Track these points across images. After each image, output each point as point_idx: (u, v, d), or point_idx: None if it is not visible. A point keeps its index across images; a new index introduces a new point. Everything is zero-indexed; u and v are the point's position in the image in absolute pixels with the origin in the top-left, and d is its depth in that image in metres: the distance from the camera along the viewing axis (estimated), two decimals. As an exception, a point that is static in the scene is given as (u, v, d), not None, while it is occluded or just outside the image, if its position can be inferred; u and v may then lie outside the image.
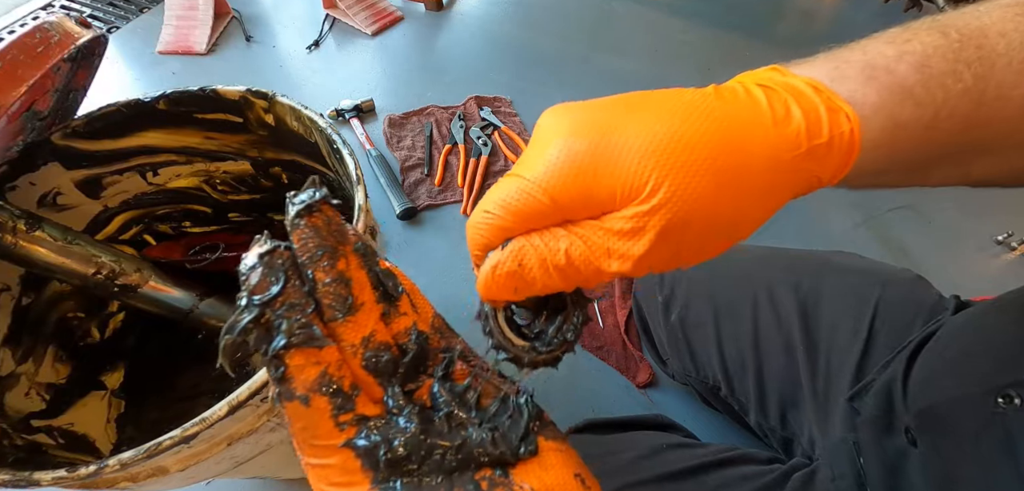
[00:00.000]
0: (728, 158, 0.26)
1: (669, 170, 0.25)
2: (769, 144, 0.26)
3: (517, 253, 0.28)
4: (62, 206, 0.75)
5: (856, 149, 0.27)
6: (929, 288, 0.68)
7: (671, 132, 0.26)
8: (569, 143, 0.27)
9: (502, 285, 0.29)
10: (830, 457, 0.62)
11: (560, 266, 0.27)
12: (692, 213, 0.26)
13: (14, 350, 0.71)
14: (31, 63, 0.50)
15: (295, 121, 0.70)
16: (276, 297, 0.26)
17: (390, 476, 0.26)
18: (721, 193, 0.26)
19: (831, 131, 0.27)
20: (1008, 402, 0.42)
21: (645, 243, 0.26)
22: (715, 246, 0.28)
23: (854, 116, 0.27)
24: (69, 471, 0.45)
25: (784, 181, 0.27)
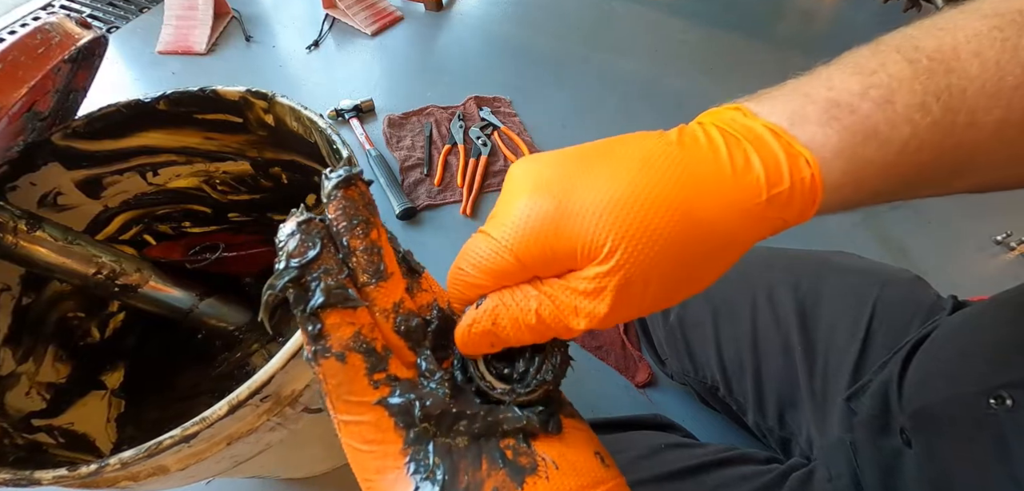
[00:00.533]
0: (685, 215, 0.26)
1: (624, 232, 0.25)
2: (729, 196, 0.26)
3: (491, 312, 0.28)
4: (62, 206, 0.75)
5: (818, 193, 0.27)
6: (927, 288, 0.68)
7: (628, 192, 0.26)
8: (532, 203, 0.27)
9: (478, 341, 0.29)
10: (827, 457, 0.62)
11: (531, 325, 0.28)
12: (649, 272, 0.26)
13: (14, 350, 0.71)
14: (32, 64, 0.50)
15: (295, 121, 0.70)
16: (313, 260, 0.27)
17: (421, 436, 0.28)
18: (679, 249, 0.26)
19: (792, 178, 0.26)
20: (1000, 403, 0.42)
21: (606, 304, 0.26)
22: (678, 296, 0.28)
23: (814, 161, 0.27)
24: (70, 470, 0.45)
25: (746, 229, 0.27)
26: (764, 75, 1.58)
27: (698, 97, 1.63)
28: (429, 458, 0.27)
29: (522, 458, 0.28)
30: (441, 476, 0.27)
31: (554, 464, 0.28)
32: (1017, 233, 1.28)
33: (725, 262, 0.28)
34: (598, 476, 0.29)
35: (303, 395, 0.56)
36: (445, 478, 0.27)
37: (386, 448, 0.28)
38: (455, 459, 0.27)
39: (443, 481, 0.27)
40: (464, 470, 0.27)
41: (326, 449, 0.84)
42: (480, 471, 0.27)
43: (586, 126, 1.55)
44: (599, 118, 1.58)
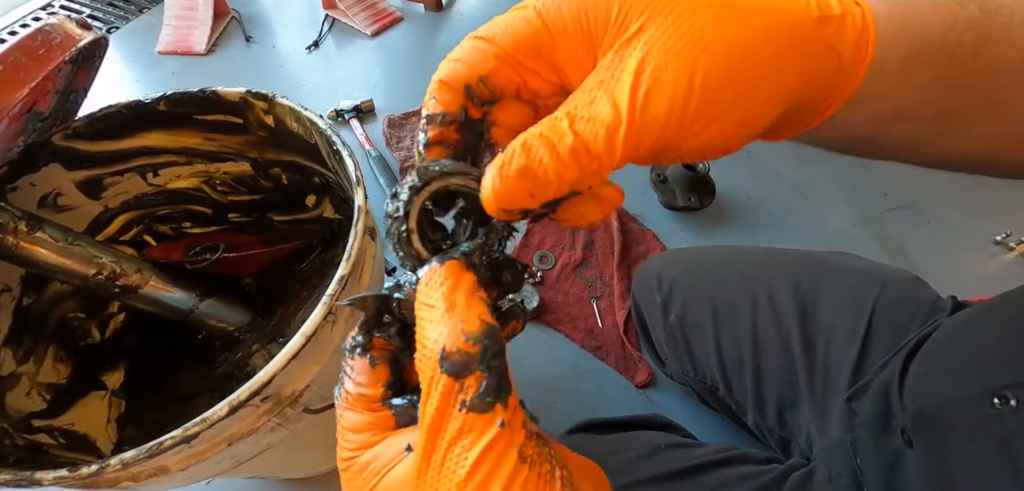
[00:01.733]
0: (733, 8, 0.24)
1: (662, 9, 0.24)
2: (780, 7, 0.25)
3: (522, 145, 0.25)
4: (63, 207, 0.75)
5: (871, 33, 0.26)
6: (927, 289, 0.68)
7: None
8: None
9: (513, 188, 0.25)
10: (827, 457, 0.62)
11: (569, 147, 0.24)
12: (689, 61, 0.23)
13: (15, 350, 0.71)
14: (33, 65, 0.50)
15: (295, 122, 0.70)
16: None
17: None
18: (722, 46, 0.24)
19: (843, 6, 0.25)
20: (1004, 403, 0.42)
21: (648, 85, 0.24)
22: (720, 121, 0.25)
23: (867, 6, 0.26)
24: (70, 471, 0.45)
25: (795, 46, 0.25)
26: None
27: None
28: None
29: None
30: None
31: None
32: (1016, 233, 1.28)
33: (773, 84, 0.25)
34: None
35: (303, 395, 0.56)
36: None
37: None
38: None
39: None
40: None
41: (326, 449, 0.84)
42: None
43: (586, 126, 1.54)
44: (599, 118, 1.57)
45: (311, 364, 0.56)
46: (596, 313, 1.13)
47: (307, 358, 0.54)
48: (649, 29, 0.23)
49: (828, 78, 0.26)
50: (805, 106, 0.27)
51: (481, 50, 0.27)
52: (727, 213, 1.32)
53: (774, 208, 1.33)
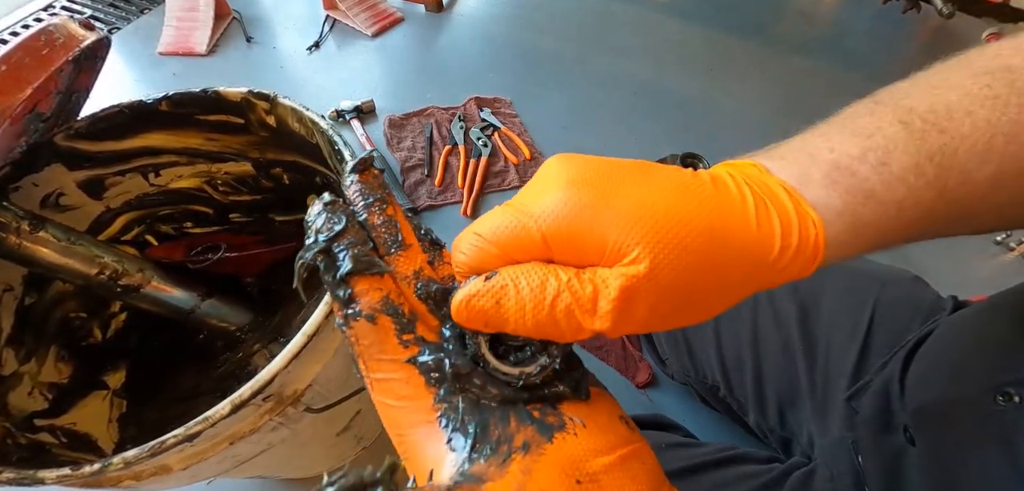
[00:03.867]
0: (715, 245, 0.27)
1: (659, 240, 0.26)
2: (750, 242, 0.27)
3: (496, 291, 0.28)
4: (65, 207, 0.75)
5: (820, 251, 0.28)
6: (927, 288, 0.69)
7: (666, 206, 0.27)
8: (572, 192, 0.27)
9: (473, 317, 0.29)
10: (828, 456, 0.62)
11: (539, 316, 0.27)
12: (673, 285, 0.26)
13: (17, 350, 0.72)
14: (36, 65, 0.50)
15: (296, 122, 0.71)
16: (340, 233, 0.30)
17: (451, 392, 0.29)
18: (700, 274, 0.27)
19: (800, 236, 0.28)
20: (1008, 400, 0.42)
21: (627, 305, 0.26)
22: (684, 320, 0.29)
23: (819, 222, 0.28)
24: (73, 470, 0.45)
25: (756, 276, 0.28)
26: (763, 75, 1.59)
27: (698, 97, 1.64)
28: (459, 412, 0.28)
29: (549, 417, 0.28)
30: (473, 429, 0.27)
31: (582, 423, 0.28)
32: (1016, 233, 1.29)
33: (731, 299, 0.29)
34: (624, 437, 0.29)
35: (305, 395, 0.56)
36: (476, 431, 0.27)
37: (418, 403, 0.29)
38: (485, 415, 0.28)
39: (475, 434, 0.27)
40: (494, 424, 0.28)
41: (326, 449, 0.84)
42: (509, 427, 0.28)
43: (586, 127, 1.55)
44: (599, 119, 1.58)
45: (313, 364, 0.56)
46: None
47: (309, 358, 0.54)
48: (646, 259, 0.26)
49: (774, 283, 0.29)
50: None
51: (486, 254, 0.29)
52: (727, 213, 1.32)
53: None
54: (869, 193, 0.29)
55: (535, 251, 0.28)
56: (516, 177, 1.39)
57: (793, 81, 1.73)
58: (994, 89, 0.29)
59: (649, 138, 1.51)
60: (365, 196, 0.32)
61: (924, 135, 0.29)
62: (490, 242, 0.29)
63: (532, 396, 0.29)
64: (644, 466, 0.28)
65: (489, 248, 0.29)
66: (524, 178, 1.39)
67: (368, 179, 0.33)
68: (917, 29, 1.92)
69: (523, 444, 0.27)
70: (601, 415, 0.30)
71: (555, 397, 0.30)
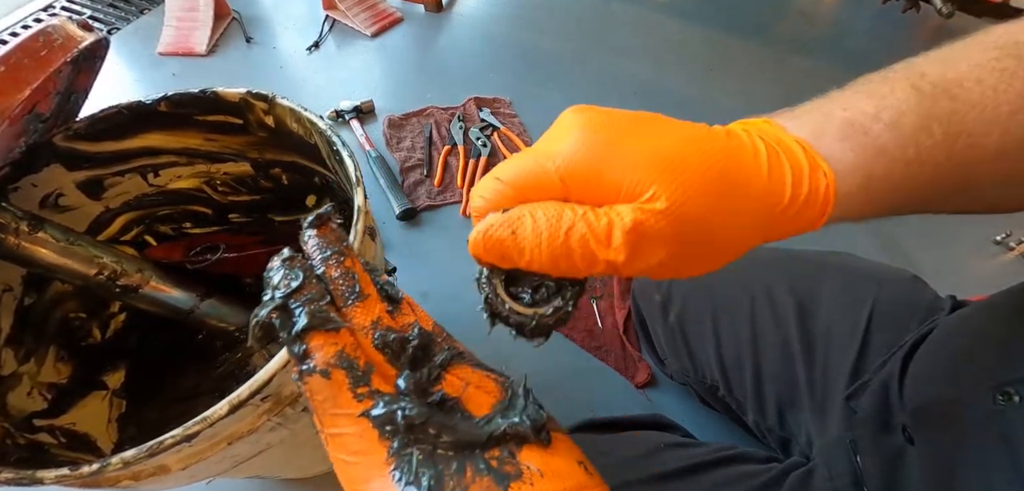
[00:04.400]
0: (727, 189, 0.28)
1: (676, 181, 0.27)
2: (762, 189, 0.29)
3: (513, 221, 0.29)
4: (64, 207, 0.75)
5: (830, 202, 0.30)
6: (925, 288, 0.69)
7: (682, 151, 0.28)
8: (587, 134, 0.29)
9: (490, 248, 0.30)
10: (827, 456, 0.62)
11: (554, 246, 0.28)
12: (685, 225, 0.27)
13: (16, 350, 0.72)
14: (35, 66, 0.50)
15: (295, 123, 0.71)
16: (296, 290, 0.30)
17: (405, 445, 0.28)
18: (715, 217, 0.28)
19: (810, 185, 0.29)
20: (1007, 399, 0.42)
21: (641, 241, 0.28)
22: (696, 266, 0.30)
23: (830, 173, 0.30)
24: (72, 470, 0.45)
25: (766, 224, 0.29)
26: (763, 75, 1.59)
27: (698, 97, 1.64)
28: (413, 465, 0.28)
29: (507, 466, 0.28)
30: (426, 482, 0.27)
31: (539, 472, 0.28)
32: (1016, 233, 1.29)
33: (742, 246, 0.30)
34: (581, 482, 0.29)
35: (303, 395, 0.56)
36: (430, 484, 0.27)
37: (371, 458, 0.28)
38: (439, 467, 0.28)
39: (429, 486, 0.27)
40: (449, 476, 0.27)
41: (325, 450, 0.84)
42: (465, 477, 0.27)
43: (586, 127, 1.54)
44: (599, 119, 1.57)
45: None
46: (596, 313, 1.13)
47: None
48: (662, 197, 0.27)
49: (785, 234, 0.31)
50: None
51: (504, 194, 0.30)
52: (727, 213, 1.32)
53: (774, 208, 1.33)
54: (881, 150, 0.30)
55: (553, 191, 0.29)
56: (515, 177, 1.38)
57: (793, 81, 1.72)
58: (1002, 62, 0.31)
59: (649, 138, 1.51)
60: (322, 249, 0.32)
61: (934, 99, 0.30)
62: (508, 184, 0.30)
63: (490, 440, 0.29)
64: None
65: (507, 189, 0.30)
66: (523, 178, 1.39)
67: (326, 232, 0.33)
68: (917, 29, 1.92)
69: None
70: (559, 461, 0.29)
71: (516, 439, 0.29)
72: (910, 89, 0.31)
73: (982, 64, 0.31)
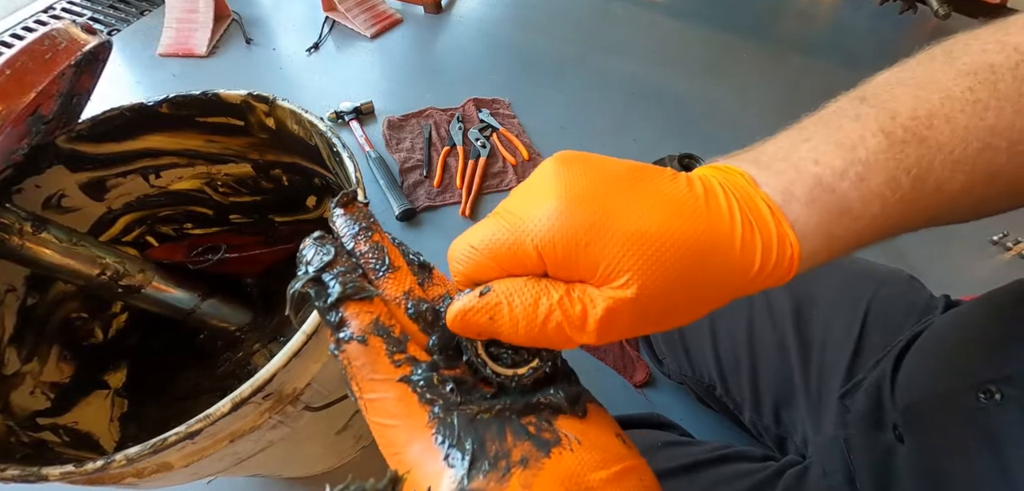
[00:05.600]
0: (698, 268, 0.28)
1: (649, 267, 0.27)
2: (733, 263, 0.29)
3: (491, 308, 0.29)
4: (66, 208, 0.76)
5: (795, 268, 0.30)
6: (921, 288, 0.69)
7: (659, 230, 0.28)
8: (566, 208, 0.28)
9: (468, 328, 0.30)
10: (822, 454, 0.63)
11: (532, 329, 0.29)
12: (654, 305, 0.28)
13: (19, 349, 0.72)
14: (39, 70, 0.51)
15: (296, 124, 0.71)
16: (329, 263, 0.31)
17: (447, 409, 0.29)
18: (683, 292, 0.29)
19: (777, 255, 0.29)
20: (989, 398, 0.43)
21: (615, 324, 0.28)
22: (661, 328, 0.31)
23: (796, 243, 0.30)
24: (77, 466, 0.46)
25: (736, 289, 0.30)
26: (762, 76, 1.59)
27: (697, 97, 1.65)
28: (455, 429, 0.28)
29: (545, 433, 0.29)
30: (470, 445, 0.28)
31: (577, 440, 0.29)
32: (1014, 233, 1.29)
33: (706, 311, 0.31)
34: (621, 453, 0.29)
35: (304, 393, 0.57)
36: (474, 447, 0.28)
37: (411, 421, 0.29)
38: (480, 431, 0.28)
39: (472, 449, 0.28)
40: (491, 440, 0.28)
41: (325, 448, 0.85)
42: (506, 442, 0.28)
43: (585, 128, 1.56)
44: (598, 119, 1.58)
45: (312, 362, 0.57)
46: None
47: (308, 356, 0.55)
48: (635, 283, 0.27)
49: (756, 290, 0.31)
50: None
51: (481, 266, 0.30)
52: (725, 214, 1.32)
53: (772, 208, 1.34)
54: (845, 210, 0.30)
55: (529, 264, 0.29)
56: (514, 178, 1.39)
57: (792, 81, 1.73)
58: (976, 93, 0.30)
59: (647, 138, 1.52)
60: (351, 226, 0.34)
61: (904, 146, 0.30)
62: (484, 255, 0.30)
63: (527, 408, 0.30)
64: (642, 482, 0.29)
65: (484, 260, 0.30)
66: (522, 179, 1.39)
67: (353, 210, 0.34)
68: (915, 29, 1.92)
69: (521, 459, 0.27)
70: (597, 432, 0.30)
71: (551, 409, 0.30)
72: (882, 136, 0.30)
73: (954, 97, 0.30)
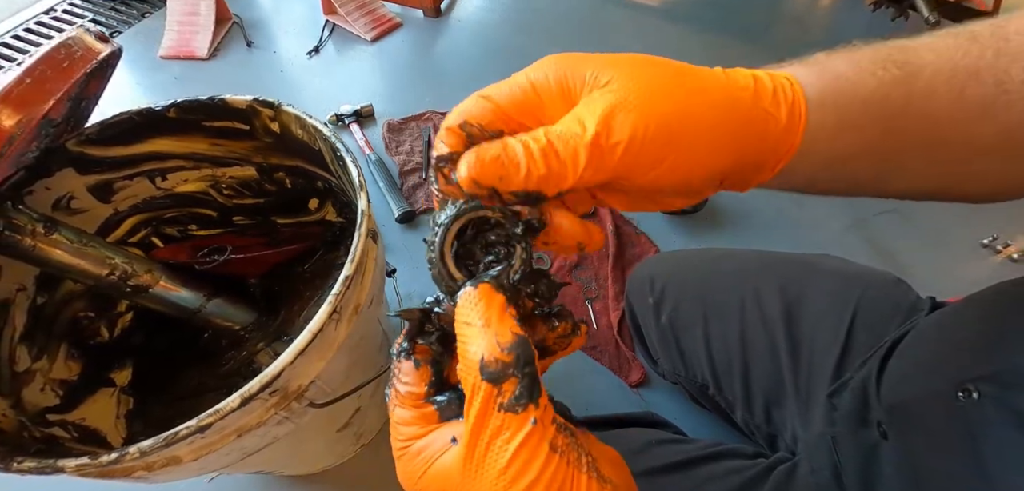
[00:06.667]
0: (685, 84, 0.31)
1: (628, 70, 0.30)
2: (718, 83, 0.31)
3: (502, 140, 0.31)
4: (75, 209, 0.77)
5: (801, 101, 0.32)
6: (908, 290, 0.71)
7: (635, 55, 0.31)
8: (558, 58, 0.32)
9: (487, 168, 0.30)
10: (810, 451, 0.65)
11: (541, 147, 0.30)
12: (650, 98, 0.30)
13: (30, 348, 0.74)
14: (58, 78, 0.53)
15: (300, 129, 0.73)
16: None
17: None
18: (674, 103, 0.30)
19: (773, 82, 0.32)
20: (968, 396, 0.44)
21: (604, 119, 0.29)
22: (672, 172, 0.31)
23: (793, 77, 0.32)
24: (91, 459, 0.48)
25: (736, 114, 0.31)
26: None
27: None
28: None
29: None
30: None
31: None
32: (1003, 236, 1.31)
33: (709, 153, 0.31)
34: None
35: (309, 390, 0.59)
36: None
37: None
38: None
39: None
40: None
41: (327, 445, 0.87)
42: None
43: (582, 131, 1.56)
44: (595, 123, 1.59)
45: (316, 360, 0.59)
46: (591, 314, 1.15)
47: (313, 354, 0.56)
48: (618, 81, 0.30)
49: (772, 139, 0.32)
50: (758, 162, 0.33)
51: (482, 105, 0.33)
52: (720, 217, 1.35)
53: (766, 212, 1.36)
54: (840, 74, 0.33)
55: (529, 104, 0.32)
56: (513, 180, 1.40)
57: (786, 86, 1.74)
58: (957, 39, 0.34)
59: (643, 142, 1.53)
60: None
61: (890, 50, 0.34)
62: (490, 98, 0.33)
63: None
64: None
65: (488, 104, 0.32)
66: (520, 181, 1.41)
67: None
68: (908, 34, 1.94)
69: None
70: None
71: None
72: (868, 49, 0.34)
73: (936, 38, 0.34)
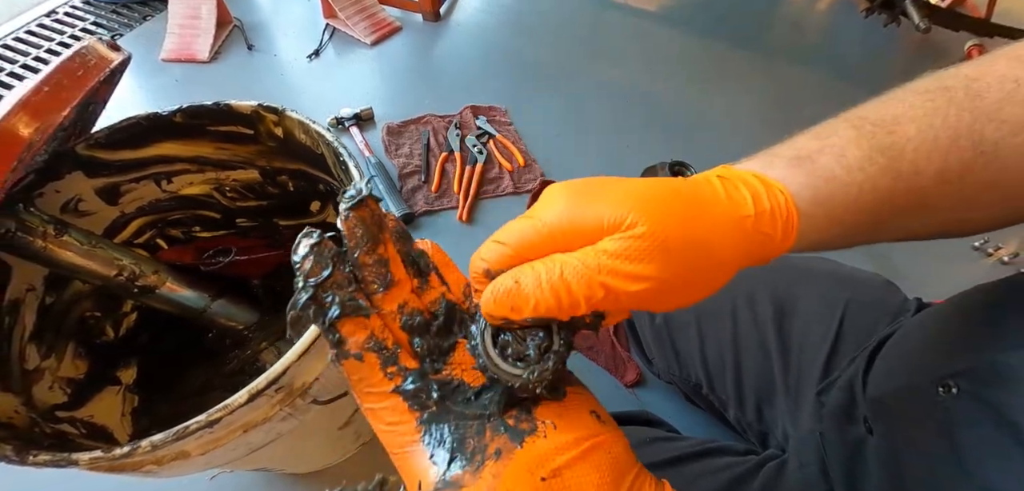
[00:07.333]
0: (694, 211, 0.31)
1: (646, 210, 0.30)
2: (724, 208, 0.32)
3: (515, 272, 0.32)
4: (83, 212, 0.79)
5: (794, 215, 0.33)
6: (896, 292, 0.73)
7: (647, 187, 0.31)
8: (569, 194, 0.32)
9: (499, 301, 0.31)
10: (799, 448, 0.66)
11: (553, 283, 0.30)
12: (669, 243, 0.30)
13: (39, 346, 0.75)
14: (73, 86, 0.54)
15: (303, 134, 0.75)
16: (326, 280, 0.32)
17: (432, 414, 0.33)
18: (691, 233, 0.30)
19: (771, 201, 0.33)
20: (947, 392, 0.46)
21: (636, 263, 0.30)
22: (689, 289, 0.32)
23: (787, 190, 0.33)
24: (104, 452, 0.49)
25: (738, 240, 0.32)
26: (754, 83, 1.63)
27: (690, 105, 1.69)
28: (440, 430, 0.32)
29: (523, 423, 0.32)
30: (450, 443, 0.32)
31: (552, 425, 0.32)
32: (994, 239, 1.33)
33: (723, 267, 0.32)
34: (592, 430, 0.33)
35: (312, 387, 0.60)
36: (454, 445, 0.32)
37: (403, 426, 0.33)
38: (462, 430, 0.32)
39: (452, 447, 0.31)
40: (470, 437, 0.32)
41: (329, 443, 0.88)
42: (484, 438, 0.32)
43: (580, 134, 1.59)
44: (593, 126, 1.62)
45: (320, 358, 0.60)
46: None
47: (317, 352, 0.58)
48: (639, 226, 0.30)
49: (766, 249, 0.33)
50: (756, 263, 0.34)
51: (499, 251, 0.33)
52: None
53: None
54: (830, 176, 0.34)
55: (544, 246, 0.32)
56: (510, 184, 1.43)
57: (784, 89, 1.78)
58: (934, 101, 0.35)
59: (641, 145, 1.56)
60: (358, 236, 0.34)
61: (874, 135, 0.35)
62: (505, 244, 0.33)
63: (511, 400, 0.33)
64: (609, 455, 0.32)
65: (507, 250, 0.33)
66: (518, 185, 1.43)
67: (364, 215, 0.34)
68: (902, 40, 1.96)
69: (495, 451, 0.31)
70: (573, 412, 0.33)
71: (532, 399, 0.33)
72: (850, 128, 0.35)
73: (915, 105, 0.35)
